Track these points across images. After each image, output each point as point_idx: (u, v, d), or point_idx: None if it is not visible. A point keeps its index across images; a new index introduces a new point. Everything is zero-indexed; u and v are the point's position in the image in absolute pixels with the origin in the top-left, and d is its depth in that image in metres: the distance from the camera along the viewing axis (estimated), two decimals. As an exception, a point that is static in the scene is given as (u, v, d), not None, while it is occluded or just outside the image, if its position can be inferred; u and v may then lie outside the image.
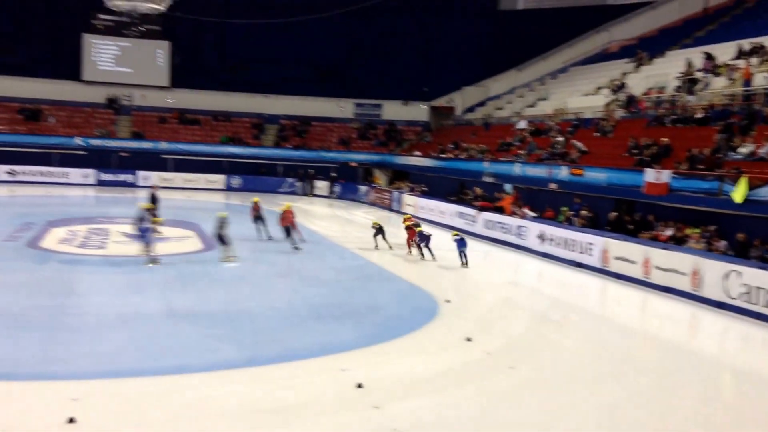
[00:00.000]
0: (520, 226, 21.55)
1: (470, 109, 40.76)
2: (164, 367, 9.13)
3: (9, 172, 36.02)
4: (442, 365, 9.81)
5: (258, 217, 20.77)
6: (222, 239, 17.05)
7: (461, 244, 18.24)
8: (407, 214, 25.56)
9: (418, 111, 44.37)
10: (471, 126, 37.21)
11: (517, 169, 25.21)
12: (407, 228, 19.95)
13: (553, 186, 22.65)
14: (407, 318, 12.45)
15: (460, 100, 42.02)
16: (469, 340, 10.86)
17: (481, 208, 24.25)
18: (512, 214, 22.63)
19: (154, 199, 21.14)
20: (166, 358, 9.53)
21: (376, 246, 20.25)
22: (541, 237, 20.30)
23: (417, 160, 36.25)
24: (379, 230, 20.43)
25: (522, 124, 30.24)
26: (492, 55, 41.97)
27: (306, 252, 19.07)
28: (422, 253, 18.94)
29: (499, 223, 22.76)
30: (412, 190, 33.00)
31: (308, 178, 39.64)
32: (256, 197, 21.90)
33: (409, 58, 43.66)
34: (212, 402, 7.98)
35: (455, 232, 19.33)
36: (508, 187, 25.24)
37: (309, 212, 30.78)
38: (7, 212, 24.86)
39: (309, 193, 39.21)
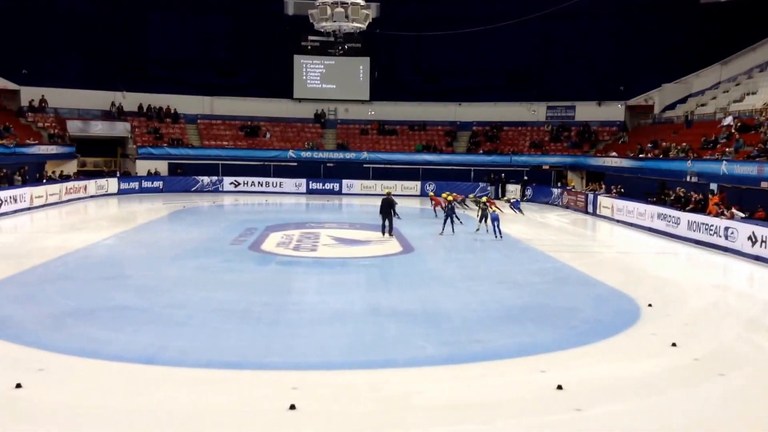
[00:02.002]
0: (728, 228, 20.06)
1: (670, 107, 38.52)
2: (371, 361, 9.60)
3: (233, 183, 40.07)
4: (646, 370, 9.45)
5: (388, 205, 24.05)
6: (452, 217, 22.48)
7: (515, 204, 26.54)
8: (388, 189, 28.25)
9: (614, 111, 42.69)
10: (671, 124, 35.23)
11: (724, 167, 23.52)
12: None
13: (765, 185, 20.88)
14: (607, 322, 12.12)
15: (658, 97, 39.90)
16: (674, 345, 10.40)
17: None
18: (718, 214, 21.16)
19: (389, 204, 22.24)
20: (373, 353, 9.99)
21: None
22: (753, 239, 18.77)
23: (613, 160, 34.95)
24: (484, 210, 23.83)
25: (728, 120, 28.16)
26: (693, 50, 39.24)
27: (500, 254, 19.39)
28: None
29: (705, 224, 21.37)
30: (608, 192, 31.89)
31: (500, 182, 39.70)
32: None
33: (603, 58, 42.07)
34: (416, 396, 8.27)
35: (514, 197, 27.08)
36: (713, 186, 23.67)
37: (501, 216, 30.78)
38: (232, 219, 27.38)
39: (501, 197, 39.23)
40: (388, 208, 22.09)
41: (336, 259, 18.41)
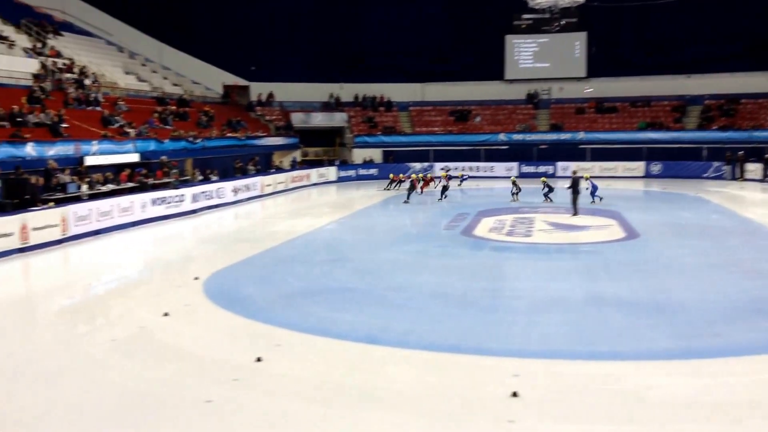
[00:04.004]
0: None
1: None
2: (597, 352, 9.10)
3: (443, 169, 40.40)
4: None
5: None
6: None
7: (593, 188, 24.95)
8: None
9: None
10: None
11: None
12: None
13: None
14: None
15: None
16: None
17: None
18: None
19: (575, 183, 22.00)
20: (598, 344, 9.48)
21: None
22: None
23: None
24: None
25: None
26: None
27: (741, 241, 17.54)
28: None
29: None
30: None
31: (738, 161, 35.94)
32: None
33: None
34: (650, 390, 7.69)
35: (587, 175, 25.78)
36: None
37: (740, 198, 27.99)
38: (444, 204, 27.62)
39: (739, 177, 35.55)
40: (572, 187, 21.89)
41: (552, 245, 17.77)
